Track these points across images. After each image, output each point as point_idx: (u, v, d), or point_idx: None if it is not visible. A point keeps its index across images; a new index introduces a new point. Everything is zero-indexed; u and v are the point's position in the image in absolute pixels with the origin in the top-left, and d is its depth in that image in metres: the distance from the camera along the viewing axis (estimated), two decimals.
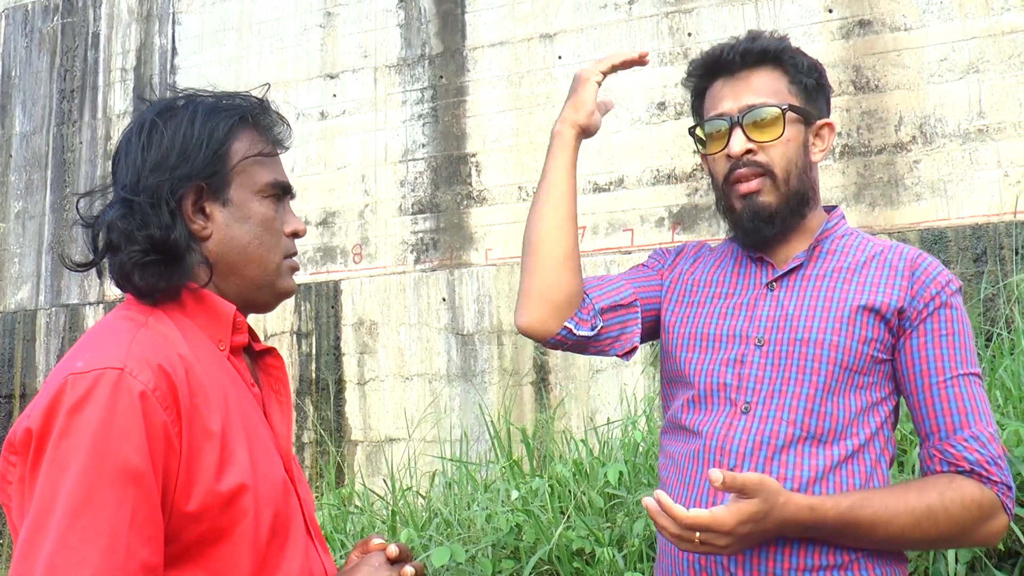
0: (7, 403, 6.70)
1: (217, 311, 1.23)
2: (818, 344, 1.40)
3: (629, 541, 2.85)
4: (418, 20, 5.93)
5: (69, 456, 1.01)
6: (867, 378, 1.40)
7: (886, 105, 4.76)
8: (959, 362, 1.39)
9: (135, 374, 1.06)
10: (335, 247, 5.95)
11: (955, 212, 4.56)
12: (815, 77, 1.52)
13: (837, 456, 1.37)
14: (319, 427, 5.74)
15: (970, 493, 1.32)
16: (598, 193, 5.27)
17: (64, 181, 6.83)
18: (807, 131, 1.50)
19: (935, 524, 1.31)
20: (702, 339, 1.51)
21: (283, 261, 1.30)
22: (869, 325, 1.40)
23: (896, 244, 1.50)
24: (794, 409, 1.38)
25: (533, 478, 3.48)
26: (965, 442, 1.35)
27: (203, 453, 1.09)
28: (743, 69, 1.52)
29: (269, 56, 6.33)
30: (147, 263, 1.16)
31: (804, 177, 1.49)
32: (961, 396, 1.37)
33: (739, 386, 1.44)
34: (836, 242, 1.51)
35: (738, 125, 1.47)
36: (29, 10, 7.25)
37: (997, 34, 4.58)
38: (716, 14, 5.17)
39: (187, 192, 1.20)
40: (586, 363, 5.13)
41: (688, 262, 1.66)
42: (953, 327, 1.40)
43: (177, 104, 1.25)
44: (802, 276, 1.48)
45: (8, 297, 6.89)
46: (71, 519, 0.99)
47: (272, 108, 1.32)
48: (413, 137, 5.83)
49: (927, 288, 1.41)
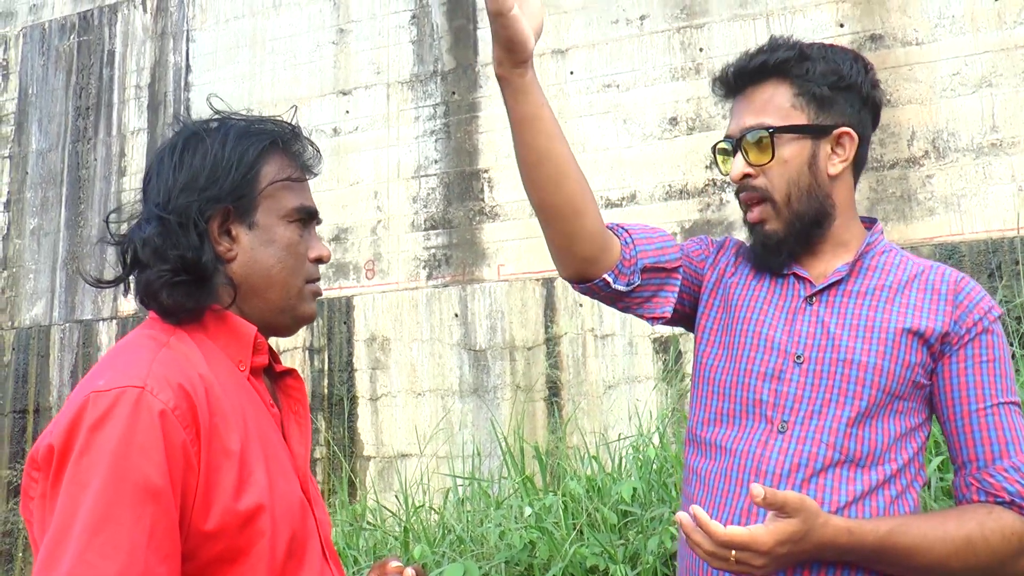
0: (21, 418, 6.73)
1: (238, 332, 1.23)
2: (861, 367, 1.36)
3: (643, 558, 2.83)
4: (430, 36, 5.96)
5: (89, 473, 1.02)
6: (908, 403, 1.37)
7: (898, 120, 4.75)
8: (999, 390, 1.35)
9: (156, 392, 1.07)
10: (348, 263, 5.97)
11: (968, 227, 4.54)
12: (831, 82, 1.43)
13: (875, 481, 1.33)
14: (331, 443, 5.73)
15: (1010, 524, 1.30)
16: (611, 209, 5.27)
17: (79, 198, 6.88)
18: (816, 145, 1.43)
19: (974, 554, 1.28)
20: (739, 348, 1.46)
21: (305, 286, 1.30)
22: (913, 349, 1.37)
23: (937, 265, 1.45)
24: (834, 432, 1.35)
25: (546, 495, 3.47)
26: (1005, 472, 1.33)
27: (222, 472, 1.10)
28: (748, 86, 1.48)
29: (282, 73, 6.37)
30: (176, 283, 1.17)
31: (814, 196, 1.42)
32: (1001, 425, 1.34)
33: (776, 403, 1.39)
34: (877, 258, 1.46)
35: (738, 148, 1.45)
36: (46, 28, 7.33)
37: (1010, 48, 4.57)
38: (728, 29, 5.17)
39: (215, 214, 1.22)
40: (598, 379, 5.12)
41: (730, 263, 1.58)
42: (994, 354, 1.37)
43: (210, 126, 1.27)
44: (843, 292, 1.43)
45: (23, 313, 6.93)
46: (90, 535, 0.99)
47: (302, 134, 1.34)
48: (425, 153, 5.85)
49: (970, 313, 1.38)
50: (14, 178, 7.18)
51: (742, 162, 1.43)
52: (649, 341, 5.07)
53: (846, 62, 1.46)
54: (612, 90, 5.40)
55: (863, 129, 1.47)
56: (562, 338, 5.30)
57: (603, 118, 5.39)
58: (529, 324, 5.39)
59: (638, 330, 5.10)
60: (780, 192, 1.42)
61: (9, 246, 7.09)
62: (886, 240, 1.51)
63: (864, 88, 1.46)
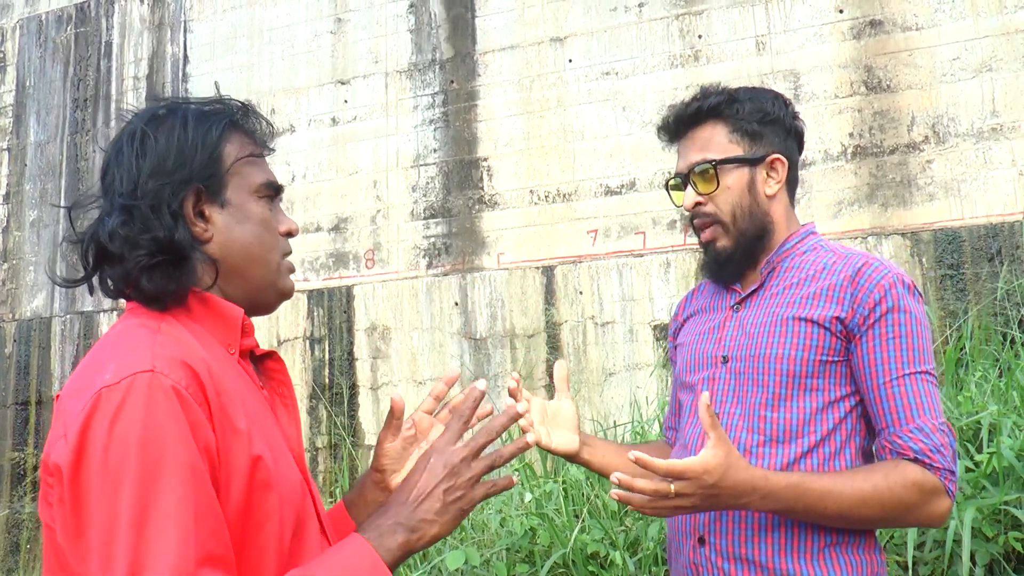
0: (23, 410, 6.74)
1: (225, 315, 1.22)
2: (766, 358, 1.56)
3: (644, 545, 2.84)
4: (428, 25, 5.94)
5: (120, 466, 0.99)
6: (819, 380, 1.54)
7: (898, 105, 4.74)
8: (905, 362, 1.50)
9: (166, 373, 1.05)
10: (347, 253, 5.97)
11: (969, 212, 4.54)
12: (758, 118, 1.66)
13: (794, 453, 1.52)
14: (333, 432, 5.75)
15: (912, 476, 1.44)
16: (610, 196, 5.27)
17: (78, 190, 6.88)
18: (753, 172, 1.65)
19: (880, 502, 1.43)
20: (687, 364, 1.72)
21: (282, 261, 1.30)
22: (812, 334, 1.54)
23: (854, 254, 1.61)
24: (751, 417, 1.56)
25: (547, 481, 3.48)
26: (910, 433, 1.47)
27: (233, 451, 1.09)
28: (689, 128, 1.69)
29: (280, 63, 6.36)
30: (154, 266, 1.15)
31: (754, 215, 1.65)
32: (906, 393, 1.49)
33: (711, 400, 1.58)
34: (796, 259, 1.66)
35: (687, 182, 1.67)
36: (43, 20, 7.31)
37: (1011, 32, 4.55)
38: (726, 16, 5.16)
39: (187, 195, 1.20)
40: (599, 367, 5.13)
41: (688, 307, 1.85)
42: (900, 330, 1.51)
43: (161, 112, 1.25)
44: (760, 296, 1.66)
45: (24, 305, 6.94)
46: (138, 529, 0.97)
47: (255, 111, 1.33)
48: (424, 142, 5.84)
49: (870, 295, 1.52)
50: (13, 170, 7.17)
51: (692, 193, 1.66)
52: (649, 328, 5.08)
53: (768, 100, 1.69)
54: (611, 77, 5.39)
55: (791, 154, 1.71)
56: (562, 326, 5.30)
57: (602, 105, 5.38)
58: (529, 312, 5.40)
59: (638, 317, 5.11)
60: (727, 214, 1.65)
61: (9, 238, 7.09)
62: (819, 240, 1.70)
63: (787, 120, 1.70)
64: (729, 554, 1.52)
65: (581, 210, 5.34)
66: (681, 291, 5.00)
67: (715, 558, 1.53)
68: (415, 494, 1.18)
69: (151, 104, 1.29)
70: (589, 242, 5.30)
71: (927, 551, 2.58)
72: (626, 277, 5.18)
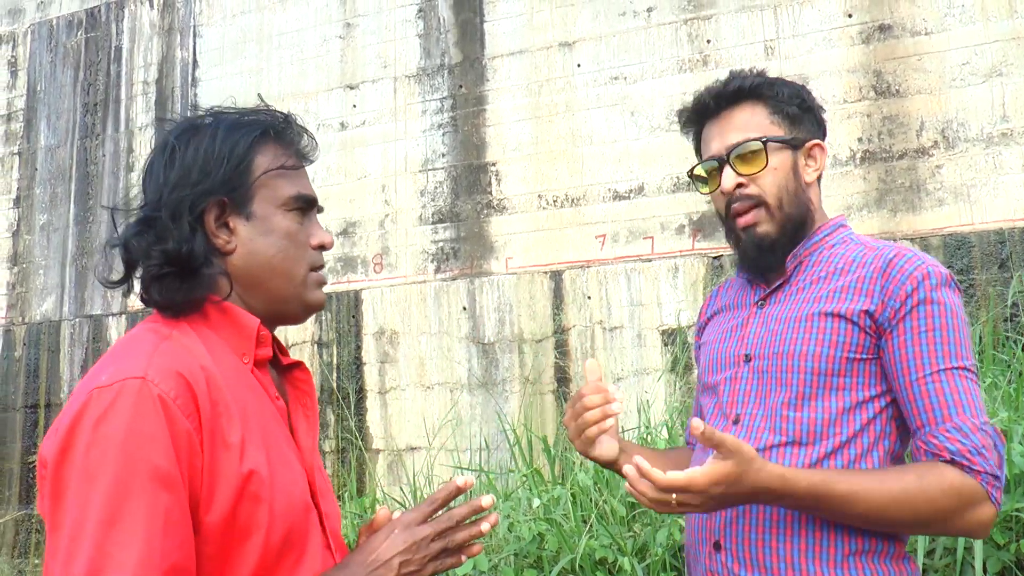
0: (32, 413, 6.77)
1: (241, 324, 1.23)
2: (790, 355, 1.49)
3: (652, 550, 2.83)
4: (437, 30, 5.95)
5: (98, 466, 1.02)
6: (846, 379, 1.45)
7: (907, 110, 4.72)
8: (941, 356, 1.40)
9: (156, 382, 1.07)
10: (356, 257, 5.97)
11: (979, 217, 4.52)
12: (797, 103, 1.60)
13: (817, 454, 1.43)
14: (340, 436, 5.75)
15: (950, 479, 1.33)
16: (618, 201, 5.27)
17: (87, 194, 6.91)
18: (795, 155, 1.58)
19: (912, 505, 1.33)
20: (709, 364, 1.66)
21: (309, 274, 1.30)
22: (838, 329, 1.46)
23: (885, 245, 1.52)
24: (773, 417, 1.48)
25: (554, 487, 3.47)
26: (947, 432, 1.36)
27: (221, 464, 1.10)
28: (724, 109, 1.62)
29: (289, 68, 6.38)
30: (162, 276, 1.18)
31: (799, 200, 1.57)
32: (943, 390, 1.38)
33: (731, 401, 1.56)
34: (825, 252, 1.58)
35: (726, 163, 1.57)
36: (54, 25, 7.35)
37: (1021, 36, 4.53)
38: (735, 20, 5.15)
39: (209, 207, 1.22)
40: (607, 371, 5.12)
41: (713, 306, 1.78)
42: (935, 322, 1.41)
43: (201, 122, 1.27)
44: (786, 291, 1.58)
45: (33, 308, 6.97)
46: (106, 527, 1.00)
47: (296, 122, 1.33)
48: (433, 147, 5.85)
49: (902, 286, 1.43)
50: (23, 174, 7.21)
51: (732, 174, 1.56)
52: (658, 334, 5.07)
53: (801, 88, 1.65)
54: (620, 82, 5.39)
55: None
56: (570, 330, 5.30)
57: (611, 110, 5.38)
58: (537, 317, 5.39)
59: (646, 322, 5.10)
60: (772, 196, 1.56)
61: (19, 242, 7.12)
62: (849, 233, 1.62)
63: (817, 112, 1.65)
64: (746, 560, 1.44)
65: (589, 215, 5.34)
66: (689, 296, 4.99)
67: (731, 564, 1.46)
68: (373, 558, 1.19)
69: (192, 114, 1.30)
70: (597, 247, 5.29)
71: (937, 558, 2.56)
72: (634, 282, 5.17)
